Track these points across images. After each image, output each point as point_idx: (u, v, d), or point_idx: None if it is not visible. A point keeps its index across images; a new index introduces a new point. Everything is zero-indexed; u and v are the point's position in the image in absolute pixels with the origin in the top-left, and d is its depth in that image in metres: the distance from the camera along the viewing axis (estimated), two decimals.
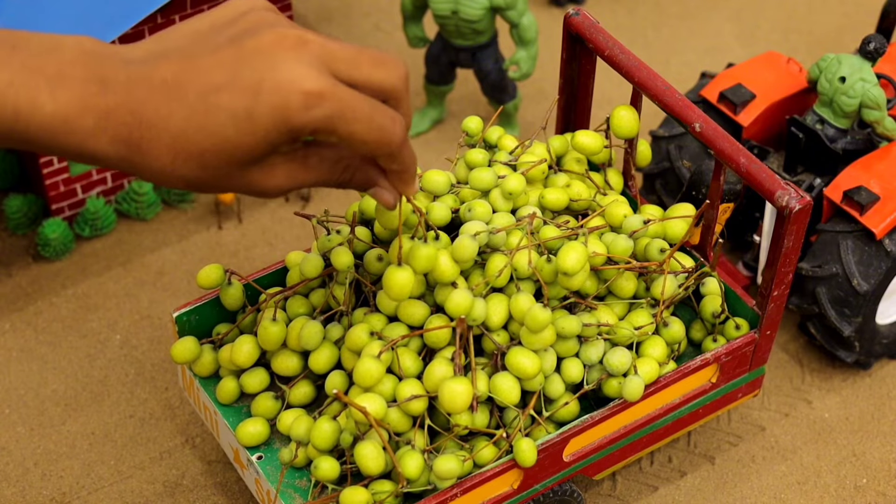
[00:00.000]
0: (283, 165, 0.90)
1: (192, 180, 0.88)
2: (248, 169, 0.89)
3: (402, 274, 1.01)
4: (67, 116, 0.85)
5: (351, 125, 0.88)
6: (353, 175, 0.94)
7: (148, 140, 0.86)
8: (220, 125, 0.86)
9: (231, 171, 0.89)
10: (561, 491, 1.11)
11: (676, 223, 1.12)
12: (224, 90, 0.86)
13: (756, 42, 1.66)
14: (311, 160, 0.92)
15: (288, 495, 1.06)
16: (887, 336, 1.29)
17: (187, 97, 0.86)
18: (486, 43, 1.44)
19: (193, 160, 0.87)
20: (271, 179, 0.91)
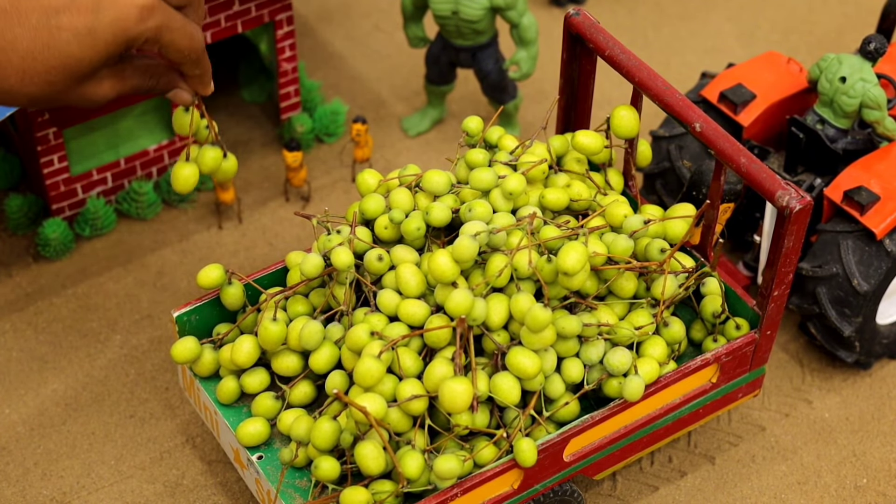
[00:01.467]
0: (107, 78, 1.03)
1: (35, 97, 1.00)
2: (83, 82, 1.01)
3: (186, 168, 1.11)
4: None
5: (173, 33, 1.03)
6: (158, 80, 1.07)
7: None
8: (64, 43, 0.98)
9: (70, 85, 1.00)
10: (561, 491, 1.11)
11: (677, 223, 1.12)
12: (64, 12, 0.98)
13: (756, 42, 1.66)
14: (126, 71, 1.05)
15: (288, 495, 1.06)
16: (887, 336, 1.29)
17: (30, 21, 0.97)
18: (487, 43, 1.44)
19: (40, 77, 0.98)
20: (99, 90, 1.03)
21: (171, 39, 1.03)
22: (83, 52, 0.99)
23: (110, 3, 1.00)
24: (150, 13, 1.01)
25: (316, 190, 1.46)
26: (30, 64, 0.98)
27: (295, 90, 1.47)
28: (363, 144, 1.44)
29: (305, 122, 1.47)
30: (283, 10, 1.40)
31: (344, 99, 1.55)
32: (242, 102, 1.54)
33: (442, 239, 1.12)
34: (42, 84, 0.99)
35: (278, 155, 1.49)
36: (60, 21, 0.98)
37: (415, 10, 1.45)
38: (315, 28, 1.65)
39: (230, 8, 1.35)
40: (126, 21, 1.00)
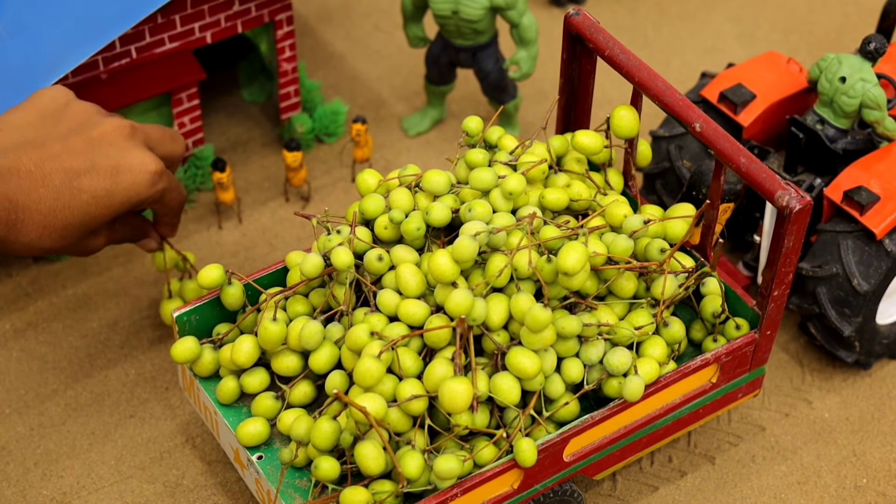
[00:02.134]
0: (103, 232, 1.15)
1: (49, 249, 1.10)
2: (87, 237, 1.13)
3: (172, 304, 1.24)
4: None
5: (172, 194, 1.16)
6: (133, 231, 1.20)
7: (22, 221, 1.07)
8: (84, 203, 1.09)
9: (80, 239, 1.12)
10: (561, 491, 1.11)
11: (677, 223, 1.12)
12: (84, 175, 1.09)
13: (756, 42, 1.66)
14: (116, 225, 1.17)
15: (288, 495, 1.06)
16: (887, 336, 1.29)
17: (53, 182, 1.08)
18: (487, 43, 1.44)
19: (57, 233, 1.09)
20: (95, 242, 1.15)
21: (169, 199, 1.16)
22: (99, 212, 1.10)
23: (127, 168, 1.11)
24: (159, 178, 1.13)
25: (316, 190, 1.46)
26: (50, 221, 1.08)
27: (295, 90, 1.47)
28: (363, 144, 1.44)
29: (305, 122, 1.47)
30: (283, 10, 1.40)
31: (344, 99, 1.55)
32: (242, 102, 1.54)
33: (442, 239, 1.12)
34: (57, 239, 1.10)
35: (278, 155, 1.49)
36: (81, 183, 1.09)
37: (415, 10, 1.45)
38: (315, 28, 1.65)
39: (230, 8, 1.35)
40: (140, 186, 1.11)
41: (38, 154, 1.08)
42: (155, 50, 1.33)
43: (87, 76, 1.31)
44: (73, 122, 1.12)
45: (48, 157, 1.08)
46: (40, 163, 1.08)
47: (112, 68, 1.32)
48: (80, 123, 1.12)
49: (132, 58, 1.32)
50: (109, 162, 1.10)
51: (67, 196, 1.08)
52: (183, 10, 1.32)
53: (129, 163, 1.11)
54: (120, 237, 1.19)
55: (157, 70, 1.34)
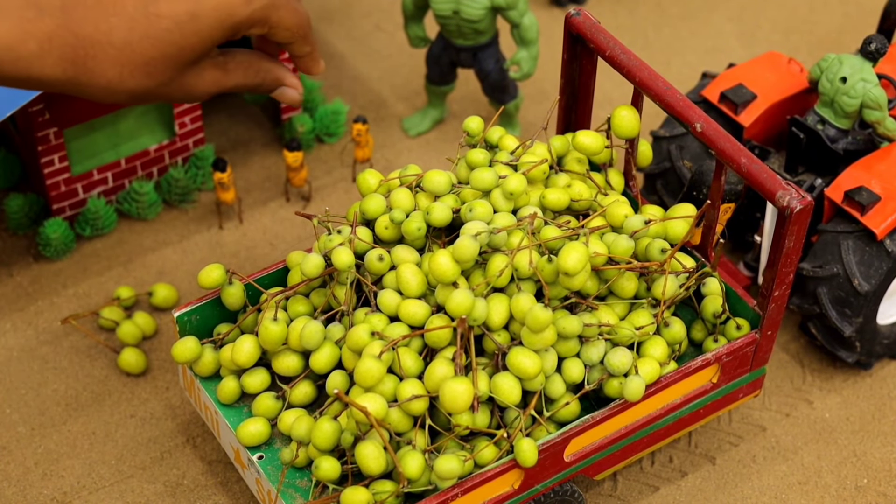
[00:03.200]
0: (209, 70, 0.96)
1: (137, 91, 0.93)
2: (185, 73, 0.94)
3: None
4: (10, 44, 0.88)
5: (279, 11, 0.96)
6: (264, 77, 1.01)
7: (93, 57, 0.89)
8: (164, 31, 0.91)
9: (172, 77, 0.94)
10: (562, 491, 1.11)
11: (677, 223, 1.12)
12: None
13: (757, 42, 1.66)
14: (229, 65, 0.98)
15: (289, 495, 1.06)
16: (888, 336, 1.29)
17: (125, 10, 0.90)
18: (487, 43, 1.44)
19: (140, 70, 0.92)
20: (200, 83, 0.96)
21: (279, 18, 0.98)
22: (185, 40, 0.94)
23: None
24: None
25: (317, 190, 1.46)
26: (128, 56, 0.92)
27: None
28: (364, 144, 1.44)
29: (306, 122, 1.47)
30: None
31: (345, 99, 1.55)
32: (243, 102, 1.54)
33: (442, 239, 1.12)
34: (142, 77, 0.94)
35: (279, 155, 1.49)
36: (160, 8, 0.93)
37: (416, 10, 1.45)
38: (316, 28, 1.65)
39: None
40: (231, 4, 0.94)
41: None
42: None
43: None
44: None
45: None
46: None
47: None
48: None
49: None
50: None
51: (144, 24, 0.92)
52: None
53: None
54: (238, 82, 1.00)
55: None
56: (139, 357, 1.27)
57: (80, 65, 0.91)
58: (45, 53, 0.89)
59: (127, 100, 0.95)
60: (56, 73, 0.90)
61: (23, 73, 0.90)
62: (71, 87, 0.92)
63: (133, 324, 1.29)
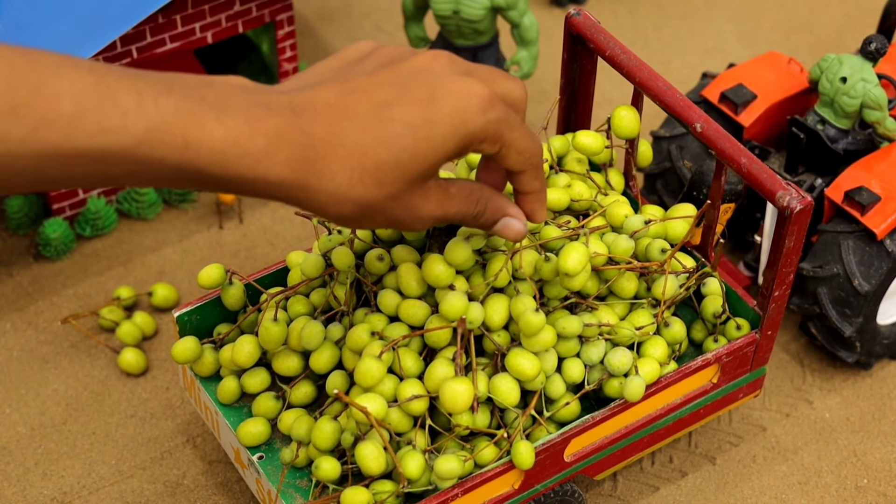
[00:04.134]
0: (435, 191, 0.92)
1: (364, 201, 0.88)
2: (413, 190, 0.90)
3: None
4: (238, 139, 0.84)
5: (514, 131, 0.92)
6: (486, 206, 0.96)
7: (323, 157, 0.86)
8: (397, 135, 0.87)
9: (402, 190, 0.90)
10: (562, 491, 1.11)
11: (677, 223, 1.12)
12: (396, 104, 0.88)
13: (757, 42, 1.66)
14: (452, 189, 0.94)
15: (289, 495, 1.06)
16: (888, 336, 1.29)
17: (358, 114, 0.87)
18: (487, 43, 1.44)
19: (370, 176, 0.87)
20: (426, 204, 0.92)
21: (513, 137, 0.93)
22: (418, 146, 0.89)
23: (447, 93, 0.90)
24: (490, 105, 0.91)
25: None
26: (359, 158, 0.87)
27: None
28: None
29: None
30: (283, 10, 1.40)
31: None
32: None
33: (443, 239, 1.12)
34: (372, 184, 0.88)
35: None
36: (393, 113, 0.89)
37: (416, 10, 1.45)
38: (316, 28, 1.65)
39: (231, 8, 1.35)
40: (466, 112, 0.90)
41: (339, 88, 0.89)
42: (156, 50, 1.33)
43: None
44: (381, 59, 0.93)
45: (351, 90, 0.89)
46: (342, 96, 0.89)
47: None
48: (389, 59, 0.93)
49: (133, 58, 1.32)
50: (425, 89, 0.90)
51: (377, 127, 0.88)
52: (184, 10, 1.32)
53: (448, 87, 0.90)
54: (460, 209, 0.95)
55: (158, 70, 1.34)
56: (139, 357, 1.27)
57: (310, 165, 0.86)
58: (274, 151, 0.85)
59: (352, 211, 0.89)
60: (284, 173, 0.86)
61: (248, 172, 0.85)
62: (298, 191, 0.87)
63: (133, 324, 1.29)
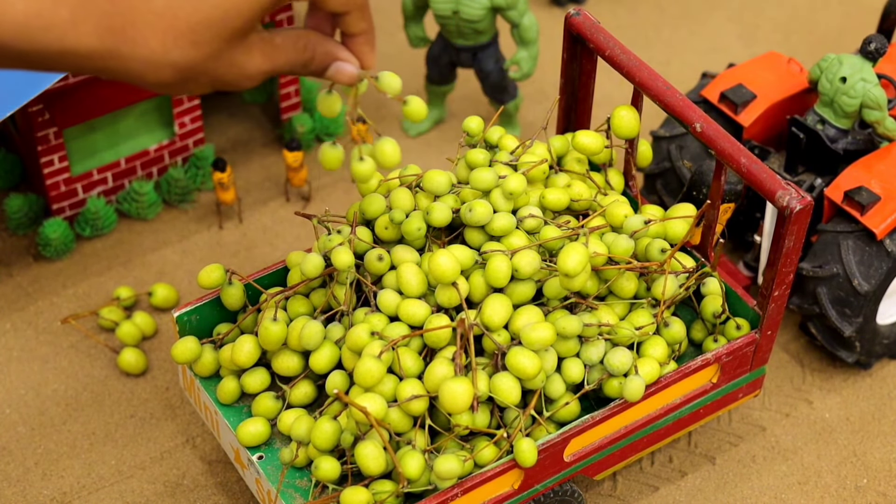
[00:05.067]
0: (258, 45, 0.88)
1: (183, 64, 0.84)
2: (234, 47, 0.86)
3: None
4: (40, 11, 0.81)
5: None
6: (314, 52, 0.92)
7: (132, 23, 0.82)
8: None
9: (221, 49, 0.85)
10: (561, 491, 1.11)
11: (677, 223, 1.12)
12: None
13: (757, 42, 1.66)
14: (277, 40, 0.89)
15: (289, 495, 1.06)
16: (888, 336, 1.29)
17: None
18: (487, 43, 1.44)
19: (184, 38, 0.83)
20: (251, 60, 0.88)
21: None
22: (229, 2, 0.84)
23: None
24: None
25: (316, 190, 1.46)
26: (170, 21, 0.83)
27: (295, 90, 1.47)
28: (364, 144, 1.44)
29: (306, 122, 1.47)
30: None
31: (345, 99, 1.55)
32: (243, 102, 1.54)
33: (442, 239, 1.12)
34: (187, 45, 0.83)
35: (279, 155, 1.49)
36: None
37: (415, 10, 1.45)
38: None
39: None
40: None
41: None
42: None
43: (88, 76, 1.31)
44: None
45: None
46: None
47: None
48: None
49: None
50: None
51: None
52: None
53: None
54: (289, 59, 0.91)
55: None
56: (139, 357, 1.27)
57: (120, 32, 0.82)
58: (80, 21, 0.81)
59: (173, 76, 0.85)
60: (93, 43, 0.82)
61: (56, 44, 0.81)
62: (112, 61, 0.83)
63: (133, 324, 1.29)
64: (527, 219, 1.10)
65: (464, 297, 1.05)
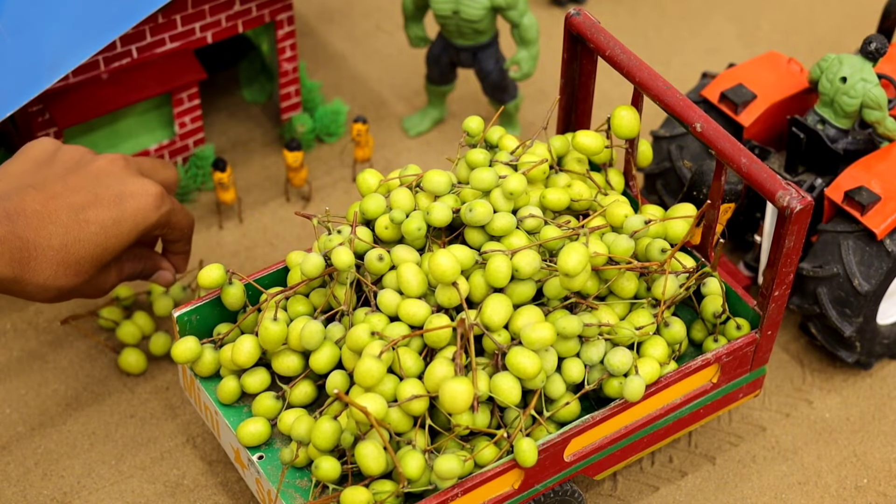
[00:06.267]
0: (113, 268, 1.16)
1: (64, 288, 1.10)
2: (101, 272, 1.14)
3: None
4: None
5: (178, 215, 1.17)
6: (145, 264, 1.21)
7: (35, 258, 1.07)
8: (93, 235, 1.10)
9: (93, 275, 1.12)
10: (562, 491, 1.11)
11: (677, 223, 1.12)
12: (89, 207, 1.10)
13: (757, 42, 1.66)
14: (123, 259, 1.18)
15: (289, 495, 1.06)
16: (888, 336, 1.29)
17: (60, 218, 1.09)
18: (487, 43, 1.44)
19: (71, 269, 1.09)
20: (109, 278, 1.16)
21: (177, 220, 1.17)
22: (109, 242, 1.11)
23: (129, 195, 1.12)
24: (162, 200, 1.14)
25: (317, 190, 1.46)
26: (63, 256, 1.09)
27: (296, 90, 1.47)
28: (364, 144, 1.44)
29: (306, 122, 1.47)
30: (283, 9, 1.40)
31: (344, 99, 1.55)
32: (243, 102, 1.54)
33: (442, 239, 1.12)
34: (72, 275, 1.10)
35: (279, 155, 1.49)
36: (88, 215, 1.10)
37: (416, 10, 1.45)
38: (316, 28, 1.65)
39: (231, 8, 1.35)
40: (146, 210, 1.13)
41: (41, 195, 1.10)
42: (156, 50, 1.33)
43: (88, 76, 1.31)
44: (67, 164, 1.15)
45: (51, 196, 1.10)
46: (44, 202, 1.09)
47: (113, 68, 1.32)
48: (74, 163, 1.15)
49: (133, 57, 1.32)
50: (111, 192, 1.12)
51: (76, 229, 1.09)
52: (184, 9, 1.32)
53: (130, 189, 1.13)
54: (131, 272, 1.19)
55: (158, 70, 1.34)
56: (139, 357, 1.27)
57: (24, 264, 1.07)
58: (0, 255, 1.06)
59: (54, 296, 1.11)
60: (5, 271, 1.06)
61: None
62: (13, 284, 1.08)
63: (133, 324, 1.29)
64: (527, 219, 1.10)
65: (464, 297, 1.05)
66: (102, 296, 1.17)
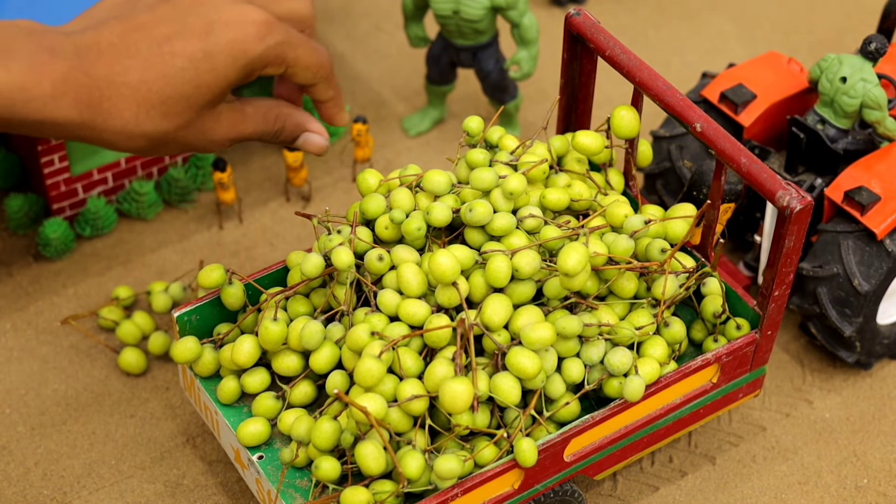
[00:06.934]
0: (227, 114, 0.96)
1: (154, 134, 0.92)
2: (202, 115, 0.93)
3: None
4: (24, 84, 0.88)
5: (297, 50, 0.95)
6: (284, 123, 1.00)
7: (108, 97, 0.89)
8: (179, 69, 0.91)
9: (191, 119, 0.93)
10: (562, 491, 1.11)
11: (677, 223, 1.12)
12: (175, 38, 0.92)
13: (757, 42, 1.66)
14: (247, 109, 0.97)
15: (289, 495, 1.06)
16: (888, 336, 1.29)
17: (140, 52, 0.91)
18: (487, 43, 1.44)
19: (156, 110, 0.91)
20: (218, 128, 0.96)
21: (296, 57, 0.97)
22: (201, 78, 0.93)
23: (224, 23, 0.94)
24: (268, 29, 0.95)
25: (317, 190, 1.46)
26: (144, 95, 0.92)
27: None
28: (364, 144, 1.44)
29: None
30: None
31: (344, 99, 1.55)
32: None
33: (442, 239, 1.12)
34: (159, 117, 0.93)
35: (279, 155, 1.49)
36: (173, 47, 0.93)
37: (416, 10, 1.45)
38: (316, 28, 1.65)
39: None
40: (244, 41, 0.94)
41: (122, 26, 0.93)
42: None
43: None
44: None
45: (133, 27, 0.93)
46: (124, 34, 0.93)
47: None
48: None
49: None
50: (202, 21, 0.94)
51: (159, 64, 0.92)
52: None
53: (225, 17, 0.95)
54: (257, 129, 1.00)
55: None
56: (139, 357, 1.27)
57: (96, 106, 0.91)
58: (60, 94, 0.88)
59: (145, 144, 0.94)
60: (71, 115, 0.90)
61: (36, 114, 0.89)
62: (87, 131, 0.92)
63: (133, 324, 1.29)
64: (527, 219, 1.10)
65: (464, 297, 1.05)
66: (217, 149, 0.99)
